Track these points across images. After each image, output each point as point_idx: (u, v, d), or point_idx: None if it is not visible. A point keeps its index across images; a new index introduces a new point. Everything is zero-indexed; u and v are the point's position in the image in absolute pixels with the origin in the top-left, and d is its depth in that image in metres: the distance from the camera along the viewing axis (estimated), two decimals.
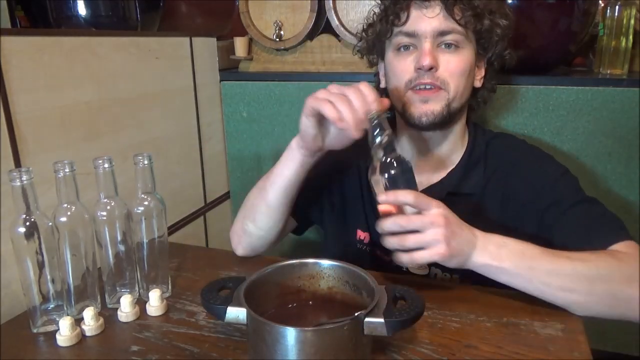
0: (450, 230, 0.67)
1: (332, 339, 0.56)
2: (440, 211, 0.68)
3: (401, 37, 0.84)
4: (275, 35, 1.32)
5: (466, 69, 0.83)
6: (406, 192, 0.68)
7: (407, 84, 0.83)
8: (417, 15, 0.82)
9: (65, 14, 1.06)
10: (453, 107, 0.83)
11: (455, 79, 0.82)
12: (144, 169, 0.76)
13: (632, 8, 1.10)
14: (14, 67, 0.82)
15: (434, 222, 0.67)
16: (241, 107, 1.41)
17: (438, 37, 0.81)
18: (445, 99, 0.82)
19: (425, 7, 0.81)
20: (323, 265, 0.69)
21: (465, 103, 0.88)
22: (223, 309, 0.61)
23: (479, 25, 0.82)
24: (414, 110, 0.83)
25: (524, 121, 1.15)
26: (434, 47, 0.81)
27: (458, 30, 0.81)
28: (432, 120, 0.82)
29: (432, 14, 0.81)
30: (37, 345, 0.70)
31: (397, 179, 0.70)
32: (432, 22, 0.81)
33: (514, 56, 0.90)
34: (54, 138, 0.91)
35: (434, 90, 0.82)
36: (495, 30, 0.84)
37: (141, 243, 0.79)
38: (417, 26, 0.82)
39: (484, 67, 0.89)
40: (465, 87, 0.84)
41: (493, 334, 0.68)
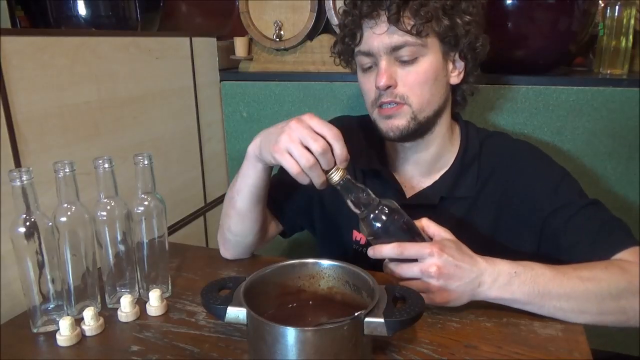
0: (445, 278, 0.66)
1: (332, 339, 0.56)
2: (434, 260, 0.66)
3: (361, 57, 0.83)
4: (275, 35, 1.32)
5: (428, 78, 0.81)
6: (391, 246, 0.67)
7: (373, 103, 0.83)
8: (368, 33, 0.80)
9: (65, 14, 1.07)
10: (421, 117, 0.82)
11: (416, 92, 0.80)
12: (144, 169, 0.76)
13: (632, 8, 1.10)
14: (14, 67, 0.82)
15: (425, 273, 0.66)
16: (241, 107, 1.41)
17: (392, 52, 0.79)
18: (409, 113, 0.81)
19: (374, 24, 0.79)
20: (323, 265, 0.69)
21: (441, 107, 0.85)
22: (223, 309, 0.61)
23: (436, 28, 0.79)
24: (382, 126, 0.84)
25: (524, 121, 1.15)
26: (390, 63, 0.80)
27: (411, 42, 0.78)
28: (398, 134, 0.82)
29: (380, 31, 0.79)
30: (37, 345, 0.70)
31: (383, 228, 0.68)
32: (383, 39, 0.79)
33: (486, 44, 0.85)
34: (54, 138, 0.91)
35: (396, 107, 0.81)
36: (457, 27, 0.80)
37: (141, 243, 0.79)
38: (370, 45, 0.80)
39: (461, 61, 0.85)
40: (432, 94, 0.82)
41: (493, 334, 0.68)
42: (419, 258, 0.67)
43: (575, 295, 0.67)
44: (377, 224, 0.68)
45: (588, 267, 0.70)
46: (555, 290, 0.68)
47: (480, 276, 0.68)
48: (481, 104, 1.15)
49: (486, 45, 0.86)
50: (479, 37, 0.84)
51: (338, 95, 1.30)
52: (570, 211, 0.79)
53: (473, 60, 0.86)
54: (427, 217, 0.85)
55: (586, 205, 0.80)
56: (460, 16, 0.80)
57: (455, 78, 0.86)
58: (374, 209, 0.68)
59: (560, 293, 0.67)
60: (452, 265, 0.66)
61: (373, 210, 0.68)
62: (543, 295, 0.68)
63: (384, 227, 0.68)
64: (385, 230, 0.68)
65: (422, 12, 0.76)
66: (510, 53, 1.10)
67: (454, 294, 0.67)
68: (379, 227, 0.68)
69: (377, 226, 0.68)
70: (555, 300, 0.68)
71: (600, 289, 0.68)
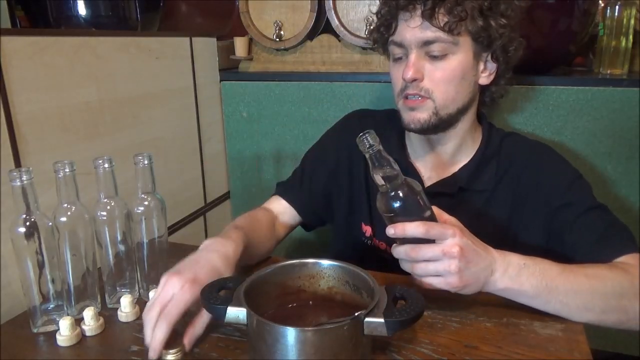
0: (465, 260, 0.65)
1: (332, 339, 0.56)
2: (456, 241, 0.65)
3: (393, 47, 0.85)
4: (275, 35, 1.32)
5: (455, 76, 0.81)
6: (416, 224, 0.64)
7: (399, 93, 0.85)
8: (402, 25, 0.82)
9: (65, 14, 1.07)
10: (443, 113, 0.83)
11: (441, 88, 0.81)
12: (144, 169, 0.76)
13: (632, 8, 1.10)
14: (14, 67, 0.82)
15: (447, 253, 0.64)
16: (241, 107, 1.41)
17: (423, 46, 0.80)
18: (431, 107, 0.82)
19: (409, 16, 0.80)
20: (323, 265, 0.69)
21: (466, 105, 0.86)
22: (223, 309, 0.61)
23: (469, 27, 0.80)
24: (405, 117, 0.85)
25: (524, 121, 1.15)
26: (420, 57, 0.81)
27: (443, 38, 0.79)
28: (419, 127, 0.84)
29: (414, 24, 0.80)
30: (37, 345, 0.70)
31: (404, 206, 0.66)
32: (415, 32, 0.80)
33: (519, 47, 0.87)
34: (54, 138, 0.91)
35: (420, 101, 0.82)
36: (491, 29, 0.81)
37: (141, 243, 0.79)
38: (403, 36, 0.82)
39: (493, 62, 0.86)
40: (457, 92, 0.83)
41: (493, 334, 0.68)
42: (440, 239, 0.65)
43: (581, 292, 0.68)
44: (398, 201, 0.66)
45: (593, 267, 0.71)
46: (562, 285, 0.68)
47: (493, 264, 0.68)
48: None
49: (520, 50, 0.87)
50: (513, 40, 0.84)
51: (338, 95, 1.30)
52: (579, 209, 0.80)
53: (505, 63, 0.86)
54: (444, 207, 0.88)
55: (595, 207, 0.81)
56: (495, 18, 0.80)
57: (485, 79, 0.87)
58: (398, 185, 0.66)
59: (567, 288, 0.68)
60: (471, 249, 0.66)
61: (397, 187, 0.66)
62: (550, 290, 0.68)
63: (405, 204, 0.66)
64: (405, 209, 0.66)
65: (456, 11, 0.77)
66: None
67: (471, 279, 0.66)
68: (401, 205, 0.66)
69: (398, 203, 0.66)
70: (562, 295, 0.68)
71: (605, 286, 0.69)
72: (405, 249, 0.66)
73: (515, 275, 0.68)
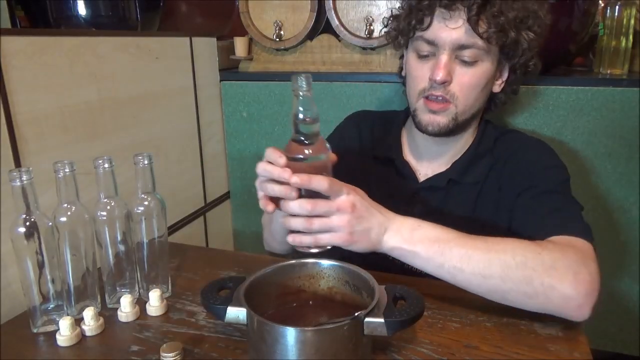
0: (357, 216, 0.65)
1: (332, 339, 0.56)
2: (350, 198, 0.65)
3: (421, 43, 0.82)
4: (275, 35, 1.32)
5: (481, 82, 0.82)
6: (321, 177, 0.64)
7: (421, 92, 0.84)
8: (440, 23, 0.79)
9: (65, 14, 1.06)
10: (461, 118, 0.84)
11: (465, 93, 0.82)
12: (144, 169, 0.76)
13: (632, 8, 1.10)
14: (14, 67, 0.82)
15: (340, 208, 0.64)
16: (241, 107, 1.41)
17: (457, 50, 0.79)
18: (453, 112, 0.83)
19: (449, 16, 0.78)
20: (323, 265, 0.69)
21: (478, 111, 0.87)
22: (223, 309, 0.61)
23: (503, 38, 0.79)
24: (423, 118, 0.85)
25: (524, 121, 1.15)
26: (451, 59, 0.80)
27: (479, 45, 0.78)
28: (437, 131, 0.84)
29: (454, 25, 0.78)
30: (37, 345, 0.70)
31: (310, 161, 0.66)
32: (453, 34, 0.78)
33: (539, 64, 0.87)
34: (54, 138, 0.91)
35: (444, 104, 0.82)
36: (521, 43, 0.81)
37: (141, 243, 0.79)
38: (437, 35, 0.80)
39: (506, 72, 0.87)
40: (476, 99, 0.84)
41: (493, 334, 0.68)
42: (337, 195, 0.65)
43: (476, 256, 0.66)
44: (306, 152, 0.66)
45: (499, 238, 0.69)
46: (456, 249, 0.67)
47: (386, 223, 0.68)
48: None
49: (538, 67, 0.87)
50: (534, 57, 0.85)
51: (338, 95, 1.30)
52: (536, 191, 0.80)
53: (521, 75, 0.88)
54: (438, 201, 0.90)
55: (554, 192, 0.79)
56: (526, 32, 0.81)
57: (497, 87, 0.88)
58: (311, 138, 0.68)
59: (462, 253, 0.66)
60: (365, 207, 0.66)
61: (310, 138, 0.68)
62: (443, 252, 0.67)
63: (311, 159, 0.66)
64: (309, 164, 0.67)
65: (499, 21, 0.76)
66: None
67: (361, 236, 0.66)
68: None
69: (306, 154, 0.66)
70: (455, 259, 0.66)
71: (505, 254, 0.66)
72: (301, 203, 0.64)
73: (407, 235, 0.68)
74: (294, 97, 0.66)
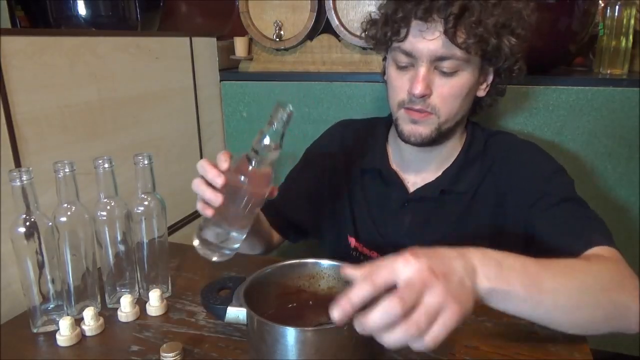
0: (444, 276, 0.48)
1: (332, 339, 0.56)
2: (418, 266, 0.48)
3: (399, 54, 0.80)
4: (275, 35, 1.32)
5: (463, 92, 0.79)
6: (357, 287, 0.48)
7: (400, 104, 0.82)
8: (416, 34, 0.76)
9: (65, 14, 1.06)
10: (444, 128, 0.81)
11: (447, 104, 0.79)
12: (144, 169, 0.76)
13: (632, 8, 1.10)
14: (14, 67, 0.82)
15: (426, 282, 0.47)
16: (241, 107, 1.41)
17: (435, 61, 0.77)
18: (435, 123, 0.80)
19: (425, 28, 0.75)
20: (323, 265, 0.69)
21: (463, 118, 0.85)
22: (223, 309, 0.61)
23: (484, 46, 0.76)
24: (404, 128, 0.83)
25: (524, 121, 1.15)
26: (429, 71, 0.77)
27: (458, 56, 0.76)
28: (419, 141, 0.82)
29: (431, 36, 0.75)
30: (37, 345, 0.70)
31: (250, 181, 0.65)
32: (430, 45, 0.75)
33: (524, 68, 0.85)
34: (54, 138, 0.91)
35: (424, 115, 0.80)
36: (503, 49, 0.78)
37: (141, 243, 0.79)
38: (414, 47, 0.77)
39: (491, 75, 0.85)
40: (460, 108, 0.81)
41: (493, 334, 0.68)
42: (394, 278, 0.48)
43: (571, 287, 0.58)
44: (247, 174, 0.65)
45: (572, 260, 0.63)
46: (549, 281, 0.57)
47: (467, 261, 0.52)
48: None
49: (523, 70, 0.85)
50: (519, 60, 0.82)
51: (338, 95, 1.29)
52: (553, 200, 0.77)
53: (506, 79, 0.85)
54: (429, 210, 0.87)
55: (571, 199, 0.78)
56: (507, 38, 0.78)
57: (482, 91, 0.85)
58: (261, 163, 0.66)
59: (556, 285, 0.57)
60: (436, 260, 0.50)
61: (259, 163, 0.66)
62: (540, 288, 0.55)
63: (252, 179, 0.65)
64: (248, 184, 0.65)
65: (478, 31, 0.73)
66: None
67: (461, 295, 0.49)
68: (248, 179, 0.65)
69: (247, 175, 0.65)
70: (552, 293, 0.56)
71: (590, 280, 0.60)
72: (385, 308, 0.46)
73: (497, 272, 0.53)
74: (268, 123, 0.64)
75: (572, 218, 0.76)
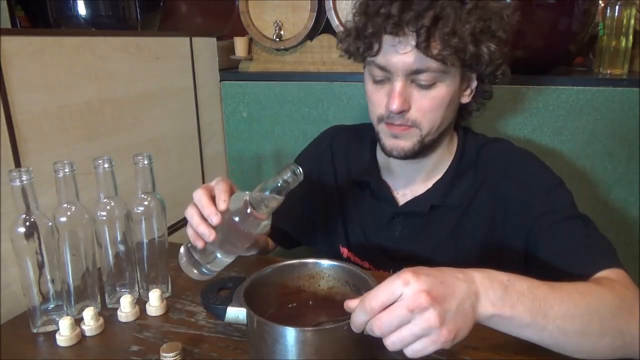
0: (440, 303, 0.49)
1: (332, 339, 0.56)
2: (415, 287, 0.49)
3: (374, 68, 0.77)
4: (275, 35, 1.32)
5: (443, 103, 0.76)
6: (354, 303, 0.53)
7: (380, 119, 0.80)
8: (389, 49, 0.73)
9: (65, 14, 1.06)
10: (427, 140, 0.79)
11: (428, 117, 0.77)
12: (144, 169, 0.76)
13: (632, 8, 1.10)
14: (14, 67, 0.82)
15: (416, 308, 0.48)
16: (241, 107, 1.41)
17: (411, 74, 0.74)
18: (417, 136, 0.78)
19: (397, 42, 0.72)
20: (323, 265, 0.69)
21: (448, 127, 0.82)
22: (223, 309, 0.61)
23: (461, 55, 0.73)
24: (386, 142, 0.81)
25: (524, 121, 1.15)
26: (406, 85, 0.75)
27: (434, 68, 0.72)
28: (402, 155, 0.80)
29: (404, 50, 0.71)
30: (37, 345, 0.70)
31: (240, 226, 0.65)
32: (405, 59, 0.72)
33: (508, 72, 0.81)
34: (54, 138, 0.91)
35: (405, 128, 0.77)
36: (482, 56, 0.74)
37: (141, 243, 0.79)
38: (388, 61, 0.74)
39: (474, 80, 0.81)
40: (443, 119, 0.78)
41: (493, 334, 0.67)
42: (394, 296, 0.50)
43: (578, 312, 0.56)
44: (241, 222, 0.65)
45: (581, 284, 0.61)
46: (557, 306, 0.55)
47: (471, 285, 0.52)
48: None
49: (507, 74, 0.81)
50: (502, 65, 0.79)
51: (338, 95, 1.30)
52: (556, 218, 0.74)
53: (490, 83, 0.83)
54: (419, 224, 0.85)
55: (574, 217, 0.75)
56: (487, 45, 0.74)
57: (467, 97, 0.83)
58: (249, 213, 0.65)
59: (564, 310, 0.55)
60: (436, 283, 0.50)
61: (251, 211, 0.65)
62: (546, 313, 0.54)
63: (241, 223, 0.65)
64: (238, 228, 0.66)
65: (452, 42, 0.70)
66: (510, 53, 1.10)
67: (459, 320, 0.50)
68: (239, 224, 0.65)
69: (240, 221, 0.65)
70: (559, 319, 0.55)
71: (599, 305, 0.58)
72: (370, 325, 0.51)
73: (501, 296, 0.53)
74: (281, 179, 0.63)
75: (577, 238, 0.72)
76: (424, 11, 0.69)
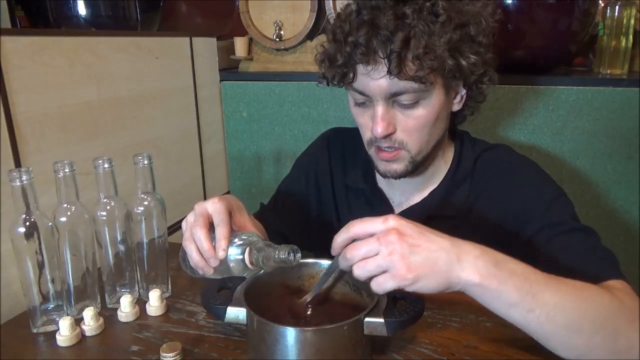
0: (408, 244, 0.53)
1: (332, 339, 0.56)
2: (389, 224, 0.54)
3: (354, 93, 0.75)
4: (275, 35, 1.32)
5: (430, 120, 0.73)
6: (349, 227, 0.57)
7: (369, 143, 0.78)
8: (363, 75, 0.71)
9: (65, 14, 1.07)
10: (419, 158, 0.77)
11: (415, 137, 0.74)
12: (144, 169, 0.76)
13: (632, 8, 1.10)
14: (14, 67, 0.82)
15: (383, 240, 0.53)
16: (241, 107, 1.41)
17: (392, 97, 0.71)
18: (407, 157, 0.76)
19: (370, 68, 0.69)
20: (323, 265, 0.69)
21: (439, 141, 0.79)
22: (223, 309, 0.61)
23: (440, 71, 0.69)
24: (379, 166, 0.79)
25: (524, 121, 1.15)
26: (388, 107, 0.72)
27: (413, 88, 0.69)
28: (397, 176, 0.78)
29: (378, 76, 0.69)
30: (37, 345, 0.70)
31: None
32: (381, 84, 0.69)
33: (495, 78, 0.78)
34: (54, 138, 0.91)
35: (394, 153, 0.75)
36: (463, 67, 0.71)
37: (141, 243, 0.79)
38: (365, 86, 0.71)
39: (462, 88, 0.78)
40: (431, 135, 0.76)
41: (493, 334, 0.68)
42: (371, 227, 0.55)
43: (571, 305, 0.56)
44: None
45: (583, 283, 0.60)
46: (548, 293, 0.55)
47: (454, 249, 0.55)
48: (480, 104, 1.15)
49: (495, 80, 0.78)
50: (487, 72, 0.76)
51: (338, 95, 1.29)
52: (558, 230, 0.72)
53: (478, 91, 0.79)
54: None
55: (577, 229, 0.73)
56: (466, 56, 0.71)
57: (457, 105, 0.80)
58: None
59: (556, 300, 0.55)
60: (415, 231, 0.54)
61: None
62: (535, 295, 0.54)
63: None
64: None
65: (427, 61, 0.66)
66: (510, 53, 1.10)
67: (424, 267, 0.53)
68: None
69: None
70: (550, 306, 0.55)
71: (595, 303, 0.57)
72: (344, 253, 0.56)
73: (491, 269, 0.54)
74: (274, 251, 0.61)
75: (578, 250, 0.70)
76: (392, 34, 0.66)
